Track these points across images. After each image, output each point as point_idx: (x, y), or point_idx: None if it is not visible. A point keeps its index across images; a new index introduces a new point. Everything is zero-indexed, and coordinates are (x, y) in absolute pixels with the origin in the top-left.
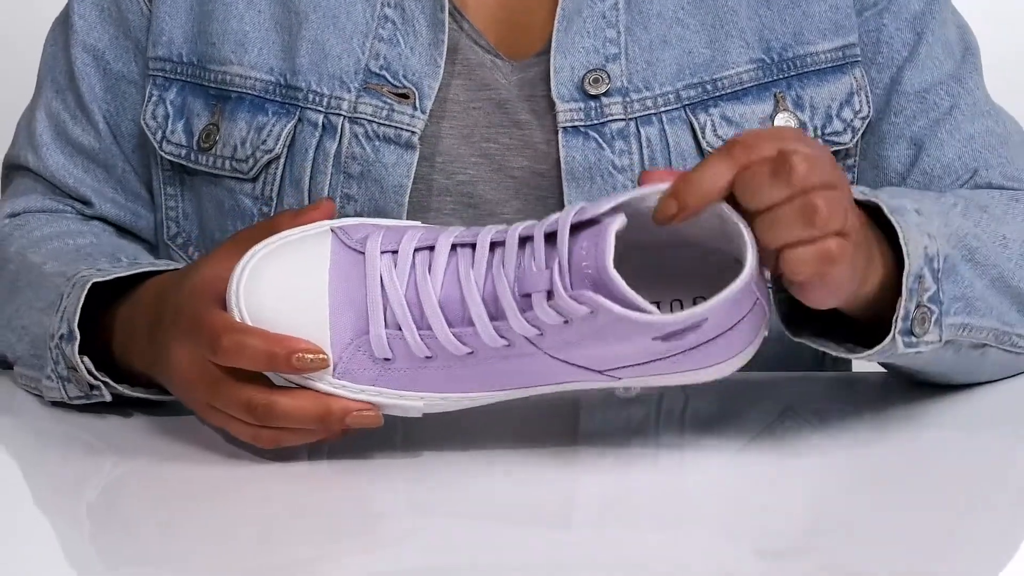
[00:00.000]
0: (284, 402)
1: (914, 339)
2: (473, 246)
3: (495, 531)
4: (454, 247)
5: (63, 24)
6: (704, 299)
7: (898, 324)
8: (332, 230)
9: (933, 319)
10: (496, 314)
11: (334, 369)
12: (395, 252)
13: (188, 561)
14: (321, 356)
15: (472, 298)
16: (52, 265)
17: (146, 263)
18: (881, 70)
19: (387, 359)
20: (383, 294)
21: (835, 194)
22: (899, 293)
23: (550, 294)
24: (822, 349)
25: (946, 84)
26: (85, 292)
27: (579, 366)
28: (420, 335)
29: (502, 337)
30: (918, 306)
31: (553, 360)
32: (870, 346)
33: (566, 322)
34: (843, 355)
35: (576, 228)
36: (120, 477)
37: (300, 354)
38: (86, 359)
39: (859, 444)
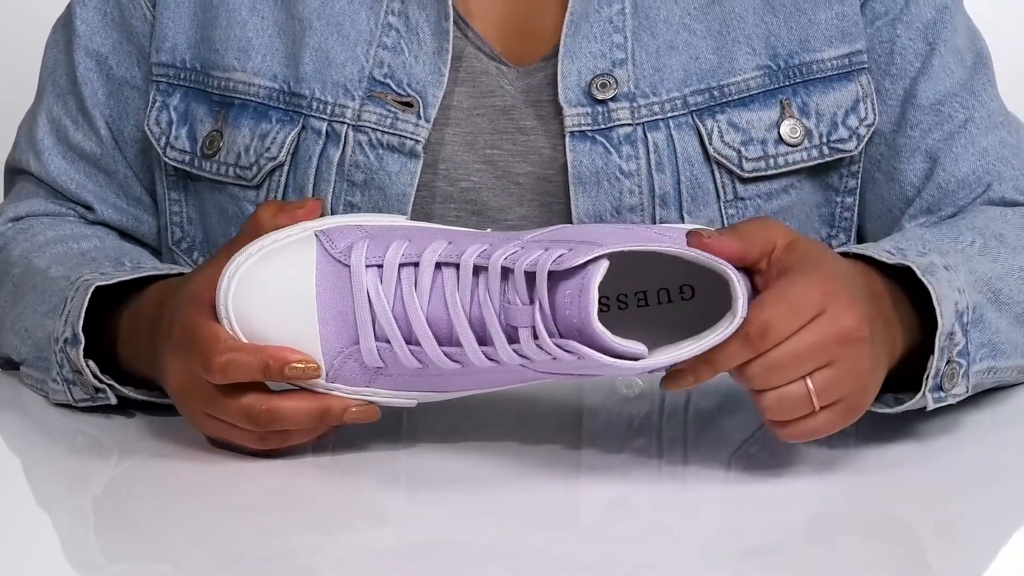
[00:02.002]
0: (284, 405)
1: (942, 394)
2: (457, 267)
3: (497, 529)
4: (439, 265)
5: (65, 28)
6: (692, 288)
7: (928, 382)
8: (316, 235)
9: (961, 372)
10: (484, 339)
11: (326, 375)
12: (380, 267)
13: (190, 553)
14: (312, 365)
15: (459, 321)
16: (56, 269)
17: (149, 267)
18: (895, 81)
19: (379, 368)
20: (371, 309)
21: (840, 411)
22: (925, 348)
23: (536, 333)
24: None
25: (960, 96)
26: (88, 296)
27: (570, 375)
28: (410, 350)
29: (491, 360)
30: (948, 362)
31: (543, 374)
32: (891, 390)
33: (554, 358)
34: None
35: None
36: (124, 472)
37: (292, 364)
38: (91, 363)
39: (861, 440)
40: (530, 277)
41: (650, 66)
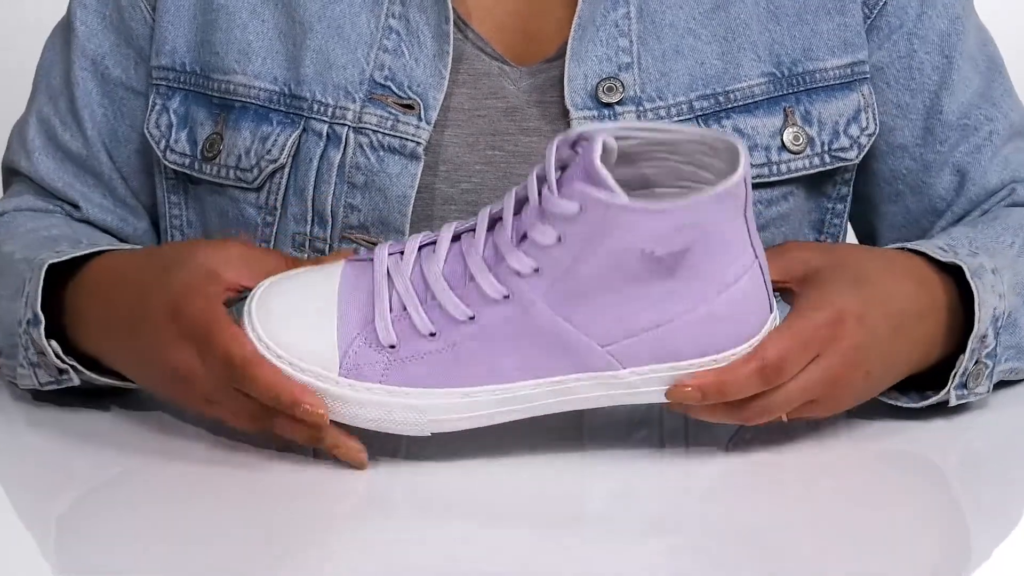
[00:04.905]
0: (260, 371)
1: (966, 392)
2: (473, 229)
3: (500, 527)
4: (456, 237)
5: (64, 30)
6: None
7: (955, 380)
8: (346, 260)
9: (987, 373)
10: (495, 266)
11: (340, 367)
12: (402, 252)
13: (189, 553)
14: (320, 411)
15: (474, 261)
16: (20, 253)
17: (104, 244)
18: (915, 95)
19: (392, 346)
20: (389, 282)
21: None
22: (953, 347)
23: (542, 213)
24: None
25: (982, 107)
26: (43, 274)
27: (581, 334)
28: (424, 309)
29: (501, 284)
30: (976, 363)
31: (554, 320)
32: (909, 389)
33: (559, 240)
34: (886, 400)
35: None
36: (121, 471)
37: (303, 406)
38: (53, 343)
39: (861, 437)
40: (542, 180)
41: (656, 70)
